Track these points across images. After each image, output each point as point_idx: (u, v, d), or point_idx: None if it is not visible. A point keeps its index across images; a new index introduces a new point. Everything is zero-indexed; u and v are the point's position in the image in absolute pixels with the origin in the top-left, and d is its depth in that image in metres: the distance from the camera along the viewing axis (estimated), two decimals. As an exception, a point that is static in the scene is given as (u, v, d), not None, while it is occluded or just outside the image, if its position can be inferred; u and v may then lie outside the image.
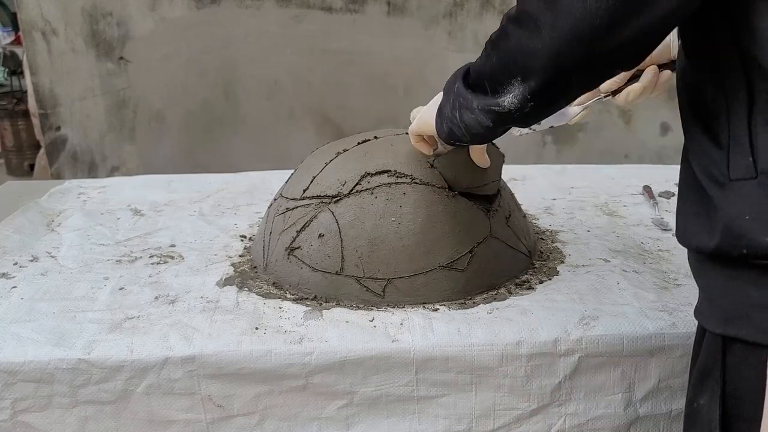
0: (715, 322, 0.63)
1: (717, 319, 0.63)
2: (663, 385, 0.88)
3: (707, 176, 0.62)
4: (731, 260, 0.60)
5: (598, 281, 1.02)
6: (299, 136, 2.81)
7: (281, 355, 0.84)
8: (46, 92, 2.65)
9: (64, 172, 2.74)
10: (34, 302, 0.97)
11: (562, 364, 0.87)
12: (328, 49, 2.70)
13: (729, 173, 0.59)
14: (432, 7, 2.65)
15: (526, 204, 1.33)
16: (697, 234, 0.63)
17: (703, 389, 0.66)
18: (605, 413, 0.88)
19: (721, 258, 0.61)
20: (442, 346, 0.86)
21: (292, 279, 1.00)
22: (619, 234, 1.22)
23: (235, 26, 2.65)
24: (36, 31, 2.58)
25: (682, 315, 0.91)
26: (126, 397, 0.85)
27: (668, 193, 1.44)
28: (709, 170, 0.62)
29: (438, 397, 0.87)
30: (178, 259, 1.13)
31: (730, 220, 0.59)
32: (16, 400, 0.85)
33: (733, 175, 0.59)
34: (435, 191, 1.00)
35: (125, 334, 0.88)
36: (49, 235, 1.25)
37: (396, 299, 0.96)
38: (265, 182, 1.55)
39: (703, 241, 0.62)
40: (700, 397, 0.66)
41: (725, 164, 0.60)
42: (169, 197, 1.45)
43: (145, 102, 2.72)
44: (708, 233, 0.61)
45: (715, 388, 0.64)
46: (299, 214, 1.02)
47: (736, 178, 0.59)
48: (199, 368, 0.84)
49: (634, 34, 0.56)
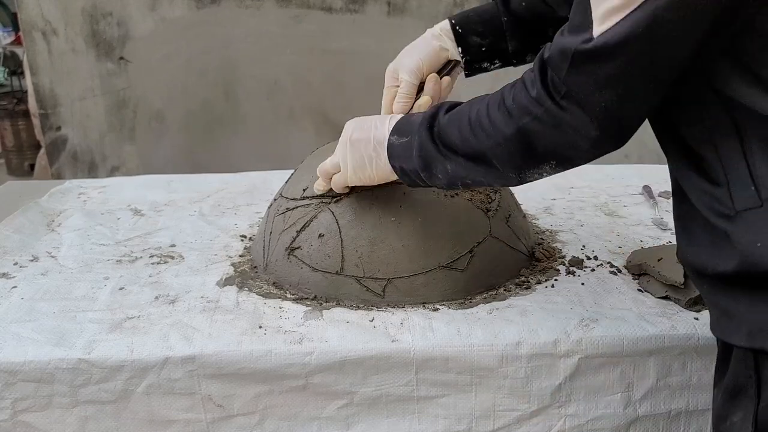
0: (741, 336, 0.63)
1: (743, 333, 0.62)
2: (662, 384, 0.88)
3: (712, 212, 0.63)
4: (753, 279, 0.60)
5: (597, 282, 1.02)
6: (299, 136, 2.81)
7: (281, 355, 0.85)
8: (46, 92, 2.65)
9: (64, 172, 2.74)
10: (34, 302, 0.97)
11: (562, 365, 0.87)
12: (328, 49, 2.70)
13: (734, 205, 0.61)
14: (432, 7, 2.65)
15: (526, 204, 1.33)
16: (713, 260, 0.64)
17: (735, 407, 0.65)
18: (605, 413, 0.88)
19: (742, 279, 0.61)
20: (442, 346, 0.86)
21: (292, 279, 1.01)
22: (619, 234, 1.22)
23: (235, 26, 2.65)
24: (36, 31, 2.58)
25: (683, 315, 0.91)
26: (126, 396, 0.85)
27: (668, 193, 1.44)
28: (713, 206, 0.63)
29: (438, 397, 0.87)
30: (179, 259, 1.13)
31: (744, 248, 0.60)
32: (17, 400, 0.85)
33: (738, 206, 0.61)
34: (435, 191, 1.00)
35: (125, 334, 0.88)
36: (50, 235, 1.25)
37: (396, 299, 0.96)
38: (265, 182, 1.55)
39: (720, 267, 0.63)
40: (734, 415, 0.65)
41: (728, 198, 0.62)
42: (169, 197, 1.45)
43: (145, 102, 2.72)
44: (724, 260, 0.62)
45: (749, 405, 0.63)
46: (299, 214, 1.02)
47: (742, 209, 0.61)
48: (199, 368, 0.84)
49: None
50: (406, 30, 2.67)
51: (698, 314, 0.92)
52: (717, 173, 0.63)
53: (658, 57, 0.59)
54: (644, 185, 1.46)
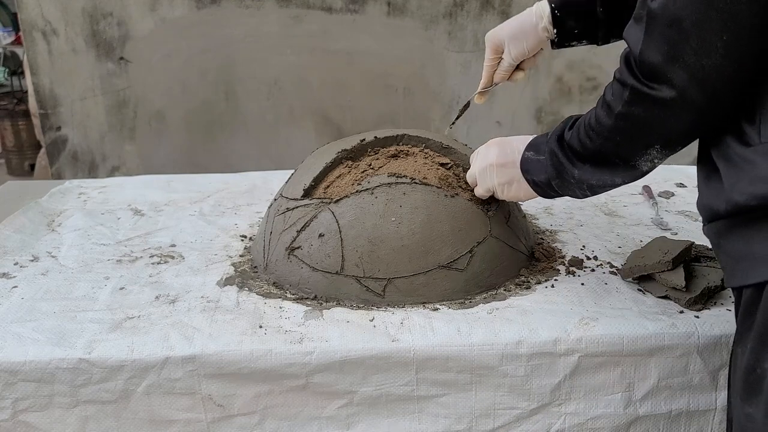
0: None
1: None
2: (663, 384, 0.88)
3: (740, 142, 0.67)
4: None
5: (597, 282, 1.02)
6: (299, 136, 2.81)
7: (281, 355, 0.85)
8: (46, 92, 2.65)
9: (64, 172, 2.74)
10: (34, 302, 0.97)
11: (561, 364, 0.87)
12: (328, 49, 2.70)
13: (760, 139, 0.65)
14: (432, 7, 2.65)
15: (525, 204, 1.32)
16: (731, 193, 0.67)
17: (766, 352, 0.66)
18: (605, 413, 0.88)
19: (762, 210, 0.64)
20: (442, 345, 0.86)
21: (292, 279, 1.01)
22: (618, 234, 1.22)
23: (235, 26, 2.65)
24: (36, 32, 2.58)
25: (683, 314, 0.92)
26: (126, 396, 0.85)
27: (668, 193, 1.45)
28: (743, 139, 0.67)
29: (438, 396, 0.87)
30: (179, 259, 1.13)
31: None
32: (17, 400, 0.85)
33: (764, 139, 0.65)
34: (435, 191, 1.00)
35: (126, 333, 0.88)
36: (50, 235, 1.25)
37: (396, 299, 0.96)
38: (265, 182, 1.55)
39: (759, 191, 0.64)
40: (765, 361, 0.66)
41: (757, 134, 0.66)
42: (169, 197, 1.46)
43: (145, 102, 2.72)
44: (745, 186, 0.65)
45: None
46: (299, 214, 1.02)
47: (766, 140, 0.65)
48: (199, 368, 0.84)
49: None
50: (406, 30, 2.67)
51: (699, 313, 0.92)
52: (752, 112, 0.67)
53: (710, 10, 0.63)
54: (644, 185, 1.46)
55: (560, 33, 1.01)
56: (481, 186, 1.00)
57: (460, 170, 1.09)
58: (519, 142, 0.95)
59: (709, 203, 0.72)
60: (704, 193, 0.73)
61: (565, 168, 0.85)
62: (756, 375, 0.68)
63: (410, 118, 2.75)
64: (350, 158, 1.09)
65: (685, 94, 0.67)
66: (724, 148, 0.69)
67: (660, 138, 0.74)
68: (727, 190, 0.68)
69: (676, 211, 1.34)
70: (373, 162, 1.08)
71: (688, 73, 0.66)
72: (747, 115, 0.67)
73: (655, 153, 0.76)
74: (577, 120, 0.85)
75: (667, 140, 0.74)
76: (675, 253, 0.96)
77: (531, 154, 0.91)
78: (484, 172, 0.98)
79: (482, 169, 0.98)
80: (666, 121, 0.71)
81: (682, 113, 0.69)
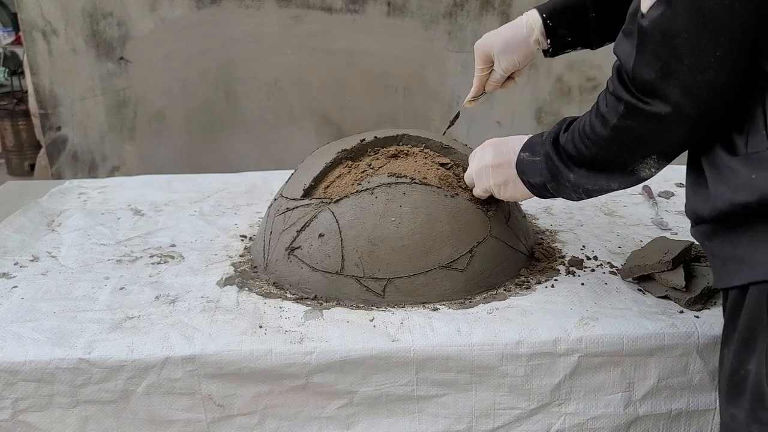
0: (753, 272, 0.65)
1: (758, 267, 0.65)
2: (663, 384, 0.88)
3: (727, 152, 0.69)
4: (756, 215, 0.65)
5: (597, 282, 1.02)
6: (299, 136, 2.81)
7: (281, 355, 0.85)
8: (46, 92, 2.65)
9: (64, 172, 2.74)
10: (34, 302, 0.97)
11: (561, 364, 0.87)
12: (328, 49, 2.70)
13: (747, 149, 0.67)
14: (432, 7, 2.65)
15: (525, 204, 1.32)
16: (718, 198, 0.68)
17: (749, 353, 0.67)
18: (605, 413, 0.88)
19: (760, 213, 0.65)
20: (442, 345, 0.86)
21: (292, 279, 1.01)
22: (618, 234, 1.22)
23: (235, 26, 2.65)
24: (36, 32, 2.58)
25: (683, 314, 0.92)
26: (126, 396, 0.85)
27: (668, 193, 1.44)
28: (730, 149, 0.69)
29: (438, 396, 0.87)
30: (179, 259, 1.13)
31: (755, 182, 0.65)
32: (17, 400, 0.85)
33: (749, 149, 0.66)
34: (435, 191, 1.00)
35: (126, 333, 0.88)
36: (50, 235, 1.25)
37: (396, 299, 0.96)
38: (265, 182, 1.55)
39: (739, 198, 0.66)
40: (748, 363, 0.67)
41: (744, 144, 0.67)
42: (169, 197, 1.46)
43: (145, 102, 2.72)
44: (734, 191, 0.66)
45: (763, 348, 0.65)
46: (299, 214, 1.02)
47: (752, 151, 0.66)
48: (199, 368, 0.84)
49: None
50: (406, 30, 2.67)
51: (699, 313, 0.92)
52: (742, 123, 0.68)
53: (698, 24, 0.63)
54: (644, 185, 1.46)
55: (553, 42, 1.01)
56: (478, 187, 1.00)
57: (460, 170, 1.09)
58: (515, 143, 0.95)
59: (696, 208, 0.73)
60: (691, 198, 0.75)
61: (561, 172, 0.85)
62: (739, 376, 0.68)
63: (410, 118, 2.76)
64: (350, 158, 1.10)
65: (679, 109, 0.68)
66: (713, 156, 0.71)
67: (656, 149, 0.75)
68: (712, 196, 0.69)
69: (676, 211, 1.34)
70: (373, 162, 1.08)
71: (682, 89, 0.67)
72: (736, 125, 0.68)
73: (652, 162, 0.77)
74: (572, 123, 0.85)
75: (662, 151, 0.75)
76: (675, 253, 0.96)
77: (527, 155, 0.91)
78: (480, 173, 0.98)
79: (478, 170, 0.98)
80: (661, 134, 0.72)
81: (677, 127, 0.70)
